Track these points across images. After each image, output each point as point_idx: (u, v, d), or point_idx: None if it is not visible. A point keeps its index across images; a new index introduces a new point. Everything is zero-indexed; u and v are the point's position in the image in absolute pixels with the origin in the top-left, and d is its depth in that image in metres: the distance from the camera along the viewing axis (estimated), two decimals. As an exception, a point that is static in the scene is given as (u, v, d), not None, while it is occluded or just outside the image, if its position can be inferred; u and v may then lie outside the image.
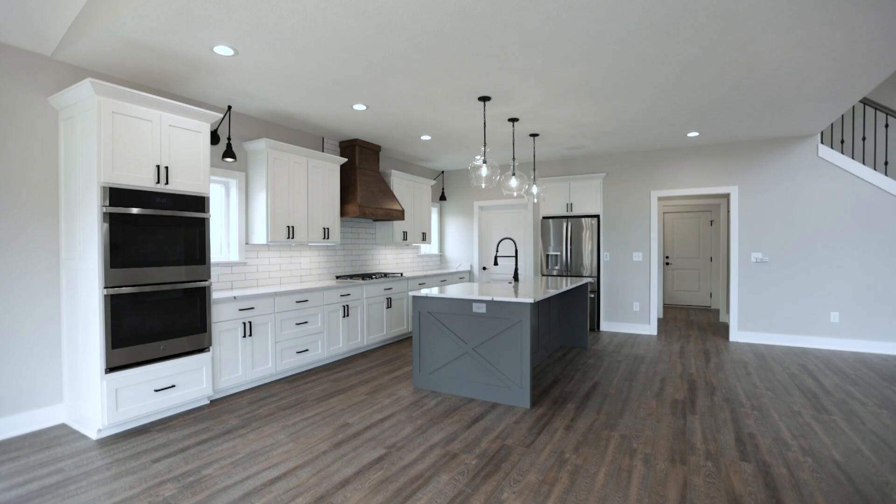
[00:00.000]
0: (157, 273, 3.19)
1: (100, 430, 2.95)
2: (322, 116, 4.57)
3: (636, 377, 4.16)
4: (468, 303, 3.65)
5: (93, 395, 2.97)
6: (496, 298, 3.49)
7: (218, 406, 3.52)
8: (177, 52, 3.06)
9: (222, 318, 3.70)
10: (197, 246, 3.45)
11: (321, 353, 4.64)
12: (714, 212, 8.49)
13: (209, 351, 3.53)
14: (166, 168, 3.24)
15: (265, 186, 4.40)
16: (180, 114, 3.34)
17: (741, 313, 5.63)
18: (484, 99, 3.95)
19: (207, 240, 3.52)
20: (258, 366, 3.99)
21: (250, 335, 3.91)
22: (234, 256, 4.45)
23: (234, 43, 2.92)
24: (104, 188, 2.91)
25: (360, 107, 4.25)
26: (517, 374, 3.46)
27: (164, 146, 3.25)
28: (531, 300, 3.35)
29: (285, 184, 4.59)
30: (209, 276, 3.53)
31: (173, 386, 3.29)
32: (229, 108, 4.17)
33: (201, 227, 3.48)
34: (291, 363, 4.31)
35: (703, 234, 8.62)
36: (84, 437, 2.95)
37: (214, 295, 3.73)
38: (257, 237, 4.46)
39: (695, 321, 7.15)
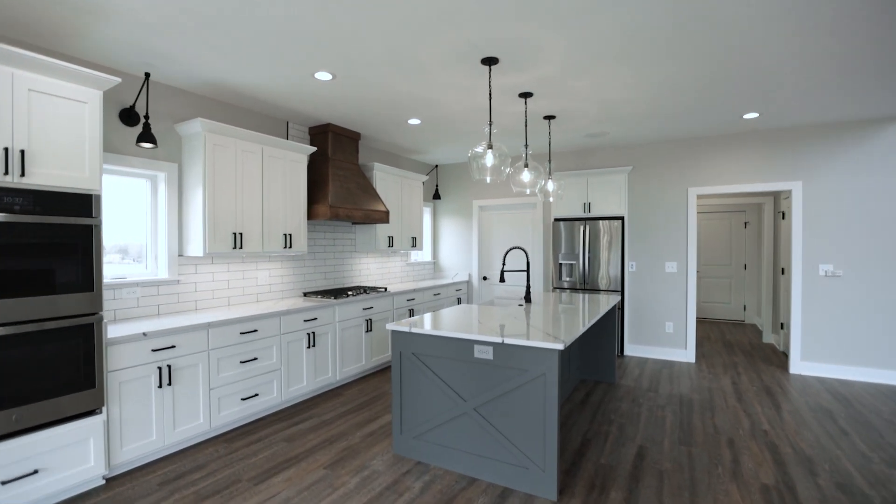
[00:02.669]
0: (5, 309, 2.15)
1: None
2: (277, 92, 3.52)
3: (693, 437, 3.12)
4: (468, 344, 2.60)
5: None
6: (508, 341, 2.44)
7: (113, 490, 2.48)
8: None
9: (126, 364, 2.65)
10: (80, 265, 2.40)
11: (276, 396, 3.58)
12: (749, 212, 7.44)
13: (101, 413, 2.49)
14: (21, 152, 2.19)
15: (202, 181, 3.35)
16: (49, 74, 2.29)
17: (805, 339, 4.58)
18: (490, 61, 2.91)
19: (97, 256, 2.47)
20: (183, 424, 2.94)
21: (170, 384, 2.86)
22: (163, 273, 3.40)
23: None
24: None
25: (324, 75, 3.20)
26: (539, 450, 2.41)
27: (20, 121, 2.20)
28: (561, 345, 2.30)
29: (231, 178, 3.54)
30: (101, 307, 2.48)
31: (35, 472, 2.25)
32: (147, 75, 3.12)
33: (86, 238, 2.43)
34: (234, 415, 3.26)
35: (735, 237, 7.57)
36: None
37: (112, 332, 2.68)
38: (193, 248, 3.41)
39: (734, 342, 6.10)
